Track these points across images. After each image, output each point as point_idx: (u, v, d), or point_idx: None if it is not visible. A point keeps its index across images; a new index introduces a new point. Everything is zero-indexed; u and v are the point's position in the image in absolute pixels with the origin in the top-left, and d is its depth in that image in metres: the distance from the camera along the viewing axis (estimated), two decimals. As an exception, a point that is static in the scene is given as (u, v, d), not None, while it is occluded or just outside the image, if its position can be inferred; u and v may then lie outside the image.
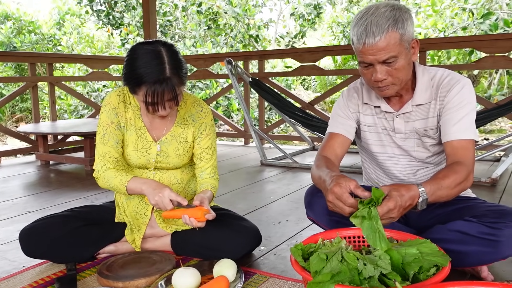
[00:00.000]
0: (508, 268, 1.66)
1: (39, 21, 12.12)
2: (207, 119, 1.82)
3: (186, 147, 1.81)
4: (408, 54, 1.46)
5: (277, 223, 2.30)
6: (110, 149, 1.74)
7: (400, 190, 1.27)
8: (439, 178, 1.38)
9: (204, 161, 1.83)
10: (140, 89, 1.55)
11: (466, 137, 1.48)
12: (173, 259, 1.71)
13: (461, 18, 8.26)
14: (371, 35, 1.38)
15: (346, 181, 1.31)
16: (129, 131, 1.77)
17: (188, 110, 1.81)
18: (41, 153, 4.19)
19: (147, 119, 1.78)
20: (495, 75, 8.75)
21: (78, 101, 9.07)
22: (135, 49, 1.57)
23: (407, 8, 1.46)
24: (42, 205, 2.76)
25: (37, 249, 1.70)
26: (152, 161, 1.79)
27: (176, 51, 1.60)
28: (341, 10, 12.13)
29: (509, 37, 3.86)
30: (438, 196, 1.36)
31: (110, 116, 1.74)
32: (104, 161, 1.74)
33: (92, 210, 1.87)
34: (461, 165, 1.43)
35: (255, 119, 6.47)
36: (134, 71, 1.53)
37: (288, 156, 3.97)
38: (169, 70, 1.53)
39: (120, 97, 1.76)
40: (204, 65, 5.53)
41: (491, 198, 2.68)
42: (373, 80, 1.47)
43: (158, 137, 1.79)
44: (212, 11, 10.73)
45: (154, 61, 1.52)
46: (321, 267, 1.19)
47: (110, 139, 1.74)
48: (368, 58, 1.43)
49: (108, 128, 1.73)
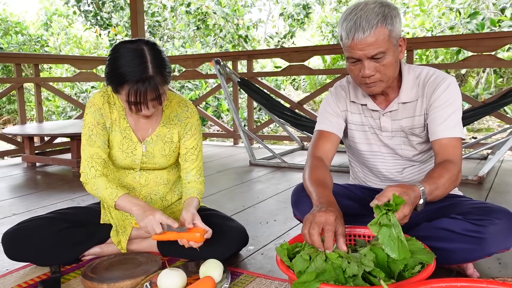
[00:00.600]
0: (494, 265, 1.67)
1: (26, 21, 12.01)
2: (193, 119, 1.80)
3: (172, 147, 1.79)
4: (396, 51, 1.46)
5: (264, 223, 2.29)
6: (98, 150, 1.71)
7: (409, 193, 1.25)
8: (435, 177, 1.38)
9: (190, 161, 1.81)
10: (122, 88, 1.52)
11: (454, 135, 1.49)
12: (159, 260, 1.69)
13: (448, 17, 8.33)
14: (360, 29, 1.38)
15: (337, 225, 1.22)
16: (114, 132, 1.74)
17: (173, 110, 1.79)
18: (28, 155, 4.14)
19: (132, 120, 1.76)
20: (482, 74, 8.84)
21: (66, 103, 8.99)
22: (118, 48, 1.55)
23: (395, 6, 1.47)
24: (28, 207, 2.72)
25: (20, 252, 1.67)
26: (137, 162, 1.77)
27: (159, 50, 1.57)
28: (330, 10, 12.17)
29: (495, 36, 3.89)
30: (435, 195, 1.37)
31: (95, 117, 1.71)
32: (92, 163, 1.70)
33: (76, 212, 1.85)
34: (452, 163, 1.44)
35: (244, 119, 6.47)
36: (116, 70, 1.51)
37: (277, 156, 3.97)
38: (151, 69, 1.51)
39: (105, 98, 1.74)
40: (192, 66, 5.50)
41: (478, 196, 2.70)
42: (361, 76, 1.47)
43: (143, 137, 1.77)
44: (201, 11, 10.70)
45: (136, 59, 1.50)
46: (305, 267, 1.18)
47: (97, 139, 1.70)
48: (356, 54, 1.43)
49: (94, 129, 1.71)
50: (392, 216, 1.18)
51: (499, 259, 1.71)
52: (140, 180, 1.82)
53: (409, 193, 1.24)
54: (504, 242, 1.39)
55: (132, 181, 1.82)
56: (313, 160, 1.59)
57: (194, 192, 1.77)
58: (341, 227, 1.23)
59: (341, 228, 1.23)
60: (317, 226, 1.20)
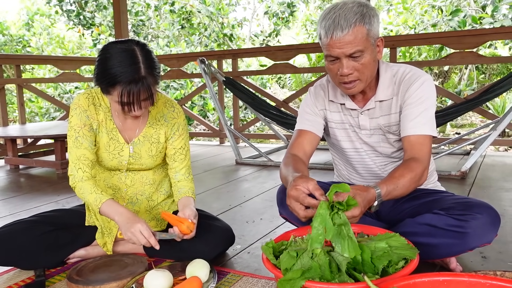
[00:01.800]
0: (476, 258, 1.70)
1: (7, 22, 11.82)
2: (179, 119, 1.80)
3: (159, 147, 1.79)
4: (373, 51, 1.48)
5: (251, 221, 2.30)
6: (85, 151, 1.69)
7: (363, 195, 1.28)
8: (395, 178, 1.40)
9: (178, 161, 1.81)
10: (114, 89, 1.51)
11: (423, 132, 1.50)
12: (145, 262, 1.68)
13: (430, 15, 8.44)
14: (339, 28, 1.40)
15: (304, 182, 1.29)
16: (100, 133, 1.73)
17: (160, 111, 1.78)
18: (10, 157, 4.08)
19: (118, 121, 1.75)
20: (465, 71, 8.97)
21: (49, 103, 8.87)
22: (108, 48, 1.53)
23: (373, 7, 1.49)
24: (12, 210, 2.69)
25: (3, 256, 1.65)
26: (124, 163, 1.76)
27: (150, 50, 1.57)
28: (314, 8, 12.22)
29: (476, 33, 3.95)
30: (394, 195, 1.40)
31: (81, 118, 1.69)
32: (79, 165, 1.68)
33: (61, 215, 1.83)
34: (416, 162, 1.45)
35: (230, 118, 6.46)
36: (108, 70, 1.50)
37: (262, 155, 3.98)
38: (144, 70, 1.51)
39: (90, 100, 1.72)
40: (177, 65, 5.48)
41: (461, 191, 2.75)
42: (339, 75, 1.48)
43: (130, 138, 1.76)
44: (186, 10, 10.66)
45: (128, 60, 1.49)
46: (291, 264, 1.19)
47: (84, 141, 1.69)
48: (335, 52, 1.44)
49: (81, 131, 1.69)
50: (342, 215, 1.20)
51: (481, 252, 1.74)
52: (126, 181, 1.81)
53: (363, 195, 1.27)
54: (486, 236, 1.42)
55: (118, 182, 1.81)
56: (288, 155, 1.63)
57: (188, 191, 1.78)
58: (309, 184, 1.28)
59: (311, 185, 1.28)
60: (294, 203, 1.29)
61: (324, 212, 1.18)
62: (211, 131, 5.44)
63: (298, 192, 1.28)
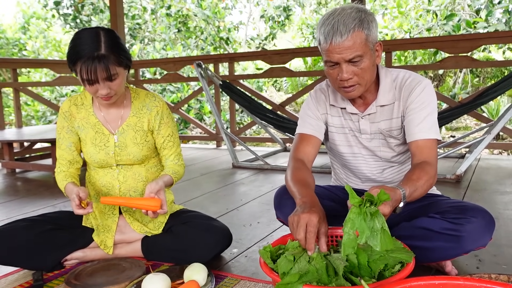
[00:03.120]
0: (471, 262, 1.71)
1: (3, 25, 11.81)
2: (162, 108, 1.85)
3: (143, 136, 1.83)
4: (372, 55, 1.49)
5: (248, 225, 2.31)
6: (63, 152, 1.82)
7: (391, 195, 1.26)
8: (414, 180, 1.40)
9: (168, 148, 1.87)
10: (76, 66, 1.58)
11: (429, 136, 1.53)
12: (143, 266, 1.69)
13: (425, 19, 8.50)
14: (338, 33, 1.41)
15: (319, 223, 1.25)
16: (85, 130, 1.80)
17: (141, 101, 1.85)
18: (7, 161, 4.07)
19: (100, 114, 1.82)
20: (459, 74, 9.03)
21: (46, 107, 8.86)
22: (78, 32, 1.64)
23: (371, 12, 1.50)
24: (8, 214, 2.69)
25: (3, 253, 1.67)
26: (111, 153, 1.79)
27: (116, 36, 1.65)
28: (310, 12, 12.28)
29: (470, 38, 3.99)
30: (414, 197, 1.40)
31: (61, 121, 1.82)
32: (58, 163, 1.83)
33: (59, 216, 1.86)
34: (429, 165, 1.47)
35: (227, 122, 6.48)
36: (72, 49, 1.58)
37: (259, 158, 3.99)
38: (104, 48, 1.57)
39: (71, 101, 1.83)
40: (174, 68, 5.49)
41: (456, 194, 2.77)
42: (339, 79, 1.50)
43: (114, 129, 1.82)
44: (182, 13, 10.68)
45: (90, 39, 1.57)
46: (289, 268, 1.20)
47: (63, 142, 1.82)
48: (334, 57, 1.45)
49: (61, 133, 1.82)
50: (375, 208, 1.19)
51: (476, 256, 1.76)
52: (118, 177, 1.84)
53: (391, 195, 1.26)
54: (480, 239, 1.43)
55: (111, 179, 1.84)
56: (295, 162, 1.62)
57: (169, 170, 1.82)
58: (323, 226, 1.26)
59: (324, 228, 1.26)
60: (302, 226, 1.23)
61: (354, 217, 1.17)
62: (208, 134, 5.45)
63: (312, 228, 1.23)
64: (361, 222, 1.17)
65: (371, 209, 1.19)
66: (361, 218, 1.18)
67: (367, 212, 1.18)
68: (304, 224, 1.24)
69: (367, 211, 1.18)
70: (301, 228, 1.23)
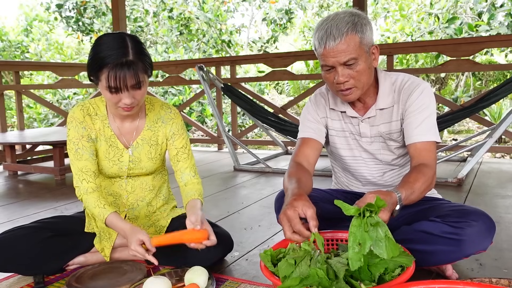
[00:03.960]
0: (472, 266, 1.71)
1: (5, 27, 11.85)
2: (177, 119, 1.82)
3: (157, 149, 1.81)
4: (368, 59, 1.50)
5: (249, 228, 2.31)
6: (86, 162, 1.70)
7: (387, 199, 1.27)
8: (410, 182, 1.41)
9: (182, 161, 1.81)
10: (102, 72, 1.51)
11: (428, 139, 1.54)
12: (144, 269, 1.69)
13: (427, 22, 8.50)
14: (331, 38, 1.44)
15: (304, 206, 1.28)
16: (99, 142, 1.75)
17: (157, 113, 1.81)
18: (9, 163, 4.08)
19: (116, 127, 1.77)
20: (461, 77, 9.03)
21: (48, 109, 8.88)
22: (100, 37, 1.58)
23: (366, 16, 1.52)
24: (10, 217, 2.69)
25: (3, 262, 1.66)
26: (124, 168, 1.77)
27: (141, 42, 1.60)
28: (312, 15, 12.30)
29: (472, 41, 3.99)
30: (411, 200, 1.40)
31: (78, 131, 1.70)
32: (83, 176, 1.69)
33: (60, 221, 1.84)
34: (427, 167, 1.48)
35: (229, 124, 6.48)
36: (97, 55, 1.52)
37: (260, 161, 3.99)
38: (132, 55, 1.52)
39: (84, 111, 1.74)
40: (175, 71, 5.51)
41: (458, 198, 2.76)
42: (336, 83, 1.51)
43: (128, 142, 1.78)
44: (184, 16, 10.71)
45: (116, 44, 1.52)
46: (289, 272, 1.20)
47: (84, 152, 1.70)
48: (330, 61, 1.47)
49: (80, 143, 1.70)
50: (376, 216, 1.20)
51: (477, 260, 1.75)
52: (126, 188, 1.83)
53: (387, 199, 1.27)
54: (481, 243, 1.43)
55: (119, 189, 1.83)
56: (293, 165, 1.63)
57: (194, 193, 1.77)
58: (309, 211, 1.27)
59: (309, 212, 1.27)
60: (286, 222, 1.27)
61: (355, 229, 1.17)
62: (209, 137, 5.46)
63: (294, 214, 1.27)
64: (362, 233, 1.18)
65: (372, 220, 1.19)
66: (362, 230, 1.18)
67: (368, 223, 1.19)
68: (287, 221, 1.27)
69: (367, 222, 1.19)
70: (286, 227, 1.27)
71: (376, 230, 1.19)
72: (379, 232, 1.19)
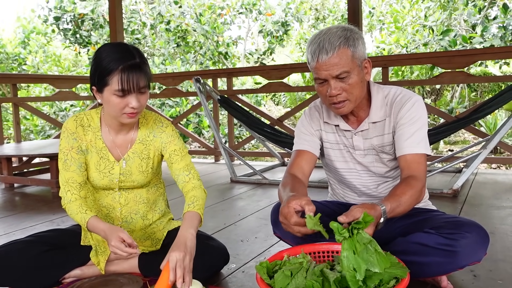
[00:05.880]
0: (467, 277, 1.72)
1: (3, 40, 11.88)
2: (167, 129, 1.82)
3: (149, 163, 1.81)
4: (360, 72, 1.53)
5: (245, 240, 2.31)
6: (73, 174, 1.72)
7: (371, 213, 1.29)
8: (397, 195, 1.44)
9: (175, 162, 1.78)
10: (112, 76, 1.53)
11: (418, 151, 1.56)
12: (140, 281, 1.69)
13: (422, 34, 8.59)
14: (324, 51, 1.47)
15: (297, 199, 1.34)
16: (90, 153, 1.75)
17: (149, 127, 1.81)
18: (5, 175, 4.08)
19: (108, 139, 1.77)
20: (457, 88, 9.10)
21: (44, 121, 8.88)
22: (102, 46, 1.60)
23: (358, 30, 1.55)
24: (6, 229, 2.69)
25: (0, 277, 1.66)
26: (115, 181, 1.78)
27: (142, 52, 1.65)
28: (308, 27, 12.41)
29: (465, 54, 4.04)
30: (397, 212, 1.43)
31: (69, 142, 1.72)
32: (68, 187, 1.71)
33: (56, 234, 1.84)
34: (415, 179, 1.50)
35: (225, 136, 6.50)
36: (101, 63, 1.54)
37: (257, 173, 4.00)
38: (138, 58, 1.57)
39: (78, 122, 1.75)
40: (173, 83, 5.54)
41: (453, 209, 2.78)
42: (328, 95, 1.54)
43: (123, 153, 1.79)
44: (181, 28, 10.77)
45: (121, 49, 1.55)
46: (286, 283, 1.22)
47: (72, 164, 1.72)
48: (322, 74, 1.50)
49: (69, 154, 1.72)
50: (364, 233, 1.22)
51: (472, 271, 1.76)
52: (120, 200, 1.83)
53: (371, 213, 1.29)
54: (475, 254, 1.45)
55: (112, 201, 1.83)
56: (287, 176, 1.66)
57: (195, 205, 1.70)
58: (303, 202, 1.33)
59: (304, 201, 1.33)
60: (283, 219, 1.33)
61: (348, 253, 1.20)
62: (206, 148, 5.47)
63: (289, 209, 1.33)
64: (356, 258, 1.20)
65: (363, 239, 1.23)
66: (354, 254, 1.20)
67: (360, 242, 1.22)
68: (284, 218, 1.33)
69: (359, 241, 1.22)
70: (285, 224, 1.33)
71: (367, 248, 1.21)
72: (369, 248, 1.21)
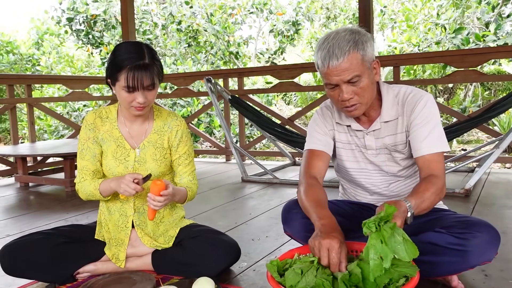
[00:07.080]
0: (478, 276, 1.72)
1: (17, 41, 12.05)
2: (182, 127, 1.92)
3: (162, 152, 1.88)
4: (370, 74, 1.53)
5: (256, 239, 2.33)
6: (87, 162, 1.84)
7: (396, 208, 1.29)
8: (420, 192, 1.44)
9: (182, 165, 1.91)
10: (121, 73, 1.66)
11: (436, 150, 1.56)
12: (153, 279, 1.72)
13: (434, 33, 8.52)
14: (334, 57, 1.47)
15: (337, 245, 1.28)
16: (107, 142, 1.85)
17: (164, 119, 1.91)
18: (20, 175, 4.15)
19: (125, 129, 1.87)
20: (470, 87, 9.01)
21: (58, 121, 9.00)
22: (119, 44, 1.74)
23: (366, 32, 1.55)
24: (22, 228, 2.74)
25: (17, 266, 1.71)
26: (130, 168, 1.84)
27: (154, 49, 1.76)
28: (319, 26, 12.38)
29: (478, 52, 4.00)
30: (422, 208, 1.43)
31: (87, 132, 1.85)
32: (82, 174, 1.85)
33: (72, 229, 1.90)
34: (436, 178, 1.51)
35: (236, 135, 6.52)
36: (117, 58, 1.68)
37: (268, 172, 4.02)
38: (148, 59, 1.68)
39: (96, 114, 1.89)
40: (184, 83, 5.57)
41: (465, 209, 2.76)
42: (340, 100, 1.54)
43: (137, 143, 1.87)
44: (192, 29, 10.83)
45: (134, 49, 1.68)
46: (296, 281, 1.23)
47: (87, 153, 1.84)
48: (333, 79, 1.50)
49: (86, 144, 1.85)
50: (390, 223, 1.23)
51: (483, 270, 1.76)
52: None
53: (396, 206, 1.31)
54: (486, 254, 1.45)
55: None
56: (308, 179, 1.64)
57: (183, 185, 1.89)
58: (343, 250, 1.30)
59: (344, 251, 1.30)
60: (325, 252, 1.28)
61: (375, 242, 1.21)
62: (217, 148, 5.50)
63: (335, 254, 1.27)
64: (383, 247, 1.21)
65: (387, 226, 1.22)
66: (381, 243, 1.21)
67: (386, 229, 1.22)
68: (326, 250, 1.28)
69: (385, 228, 1.22)
70: (324, 254, 1.28)
71: (394, 236, 1.22)
72: (396, 236, 1.22)
